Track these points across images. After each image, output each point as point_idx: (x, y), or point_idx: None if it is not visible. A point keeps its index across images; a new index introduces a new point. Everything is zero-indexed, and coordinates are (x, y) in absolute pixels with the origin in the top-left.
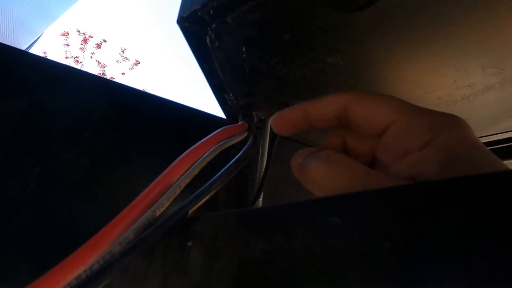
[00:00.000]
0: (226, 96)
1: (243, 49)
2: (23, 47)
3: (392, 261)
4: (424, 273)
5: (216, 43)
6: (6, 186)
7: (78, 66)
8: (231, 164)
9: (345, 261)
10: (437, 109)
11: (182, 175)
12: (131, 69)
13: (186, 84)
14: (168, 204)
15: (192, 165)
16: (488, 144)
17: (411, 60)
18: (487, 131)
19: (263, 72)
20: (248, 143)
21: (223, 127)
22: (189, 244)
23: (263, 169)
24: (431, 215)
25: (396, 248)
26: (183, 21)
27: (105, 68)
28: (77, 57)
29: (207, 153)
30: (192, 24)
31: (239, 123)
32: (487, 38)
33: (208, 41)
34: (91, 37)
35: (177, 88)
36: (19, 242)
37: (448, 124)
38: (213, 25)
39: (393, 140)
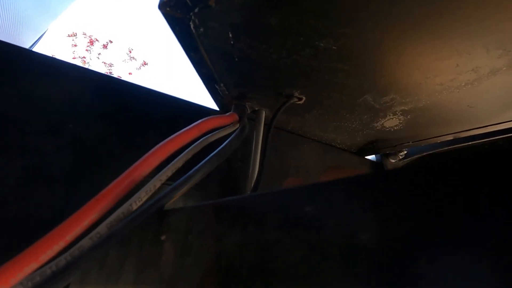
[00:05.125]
0: (217, 87)
1: (230, 35)
2: (27, 45)
3: (369, 253)
4: (404, 267)
5: (201, 29)
6: None
7: (85, 66)
8: (212, 155)
9: (318, 254)
10: (439, 96)
11: (164, 168)
12: (139, 69)
13: (196, 88)
14: (146, 197)
15: (176, 157)
16: (495, 133)
17: (409, 42)
18: (494, 119)
19: (252, 60)
20: (234, 134)
21: (206, 118)
22: (163, 238)
23: (259, 164)
24: (410, 201)
25: (373, 240)
26: (164, 6)
27: (112, 68)
28: (84, 57)
29: (194, 145)
30: (173, 9)
31: (228, 113)
32: (490, 14)
33: (192, 27)
34: (97, 40)
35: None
36: (0, 236)
37: None
38: (196, 10)
39: None
